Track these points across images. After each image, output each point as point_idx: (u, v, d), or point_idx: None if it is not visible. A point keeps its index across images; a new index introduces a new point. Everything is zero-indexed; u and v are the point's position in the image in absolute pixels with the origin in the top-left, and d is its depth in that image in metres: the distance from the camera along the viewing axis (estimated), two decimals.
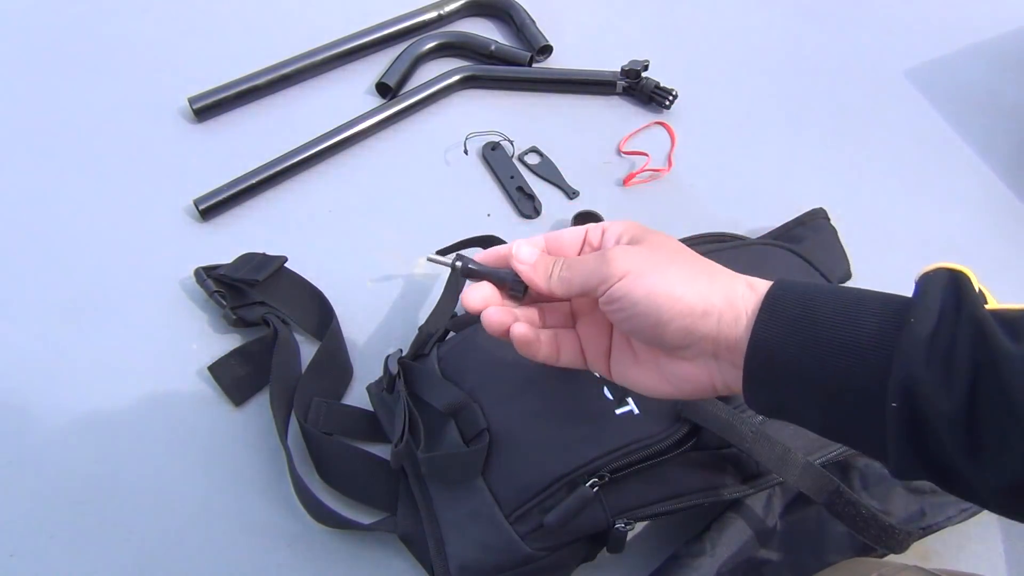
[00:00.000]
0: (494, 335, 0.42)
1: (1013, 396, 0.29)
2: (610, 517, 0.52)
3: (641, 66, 0.87)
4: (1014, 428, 0.29)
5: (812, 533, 0.58)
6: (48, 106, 0.83)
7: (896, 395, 0.31)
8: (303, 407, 0.63)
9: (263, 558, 0.59)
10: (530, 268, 0.41)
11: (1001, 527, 0.63)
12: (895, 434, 0.32)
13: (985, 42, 1.00)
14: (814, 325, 0.34)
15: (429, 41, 0.91)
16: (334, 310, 0.70)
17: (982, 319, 0.31)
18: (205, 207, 0.75)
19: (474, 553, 0.54)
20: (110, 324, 0.69)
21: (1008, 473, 0.30)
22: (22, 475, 0.61)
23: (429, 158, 0.84)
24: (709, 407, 0.51)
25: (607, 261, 0.38)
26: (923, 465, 0.32)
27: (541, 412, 0.56)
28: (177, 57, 0.89)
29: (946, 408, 0.30)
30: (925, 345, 0.31)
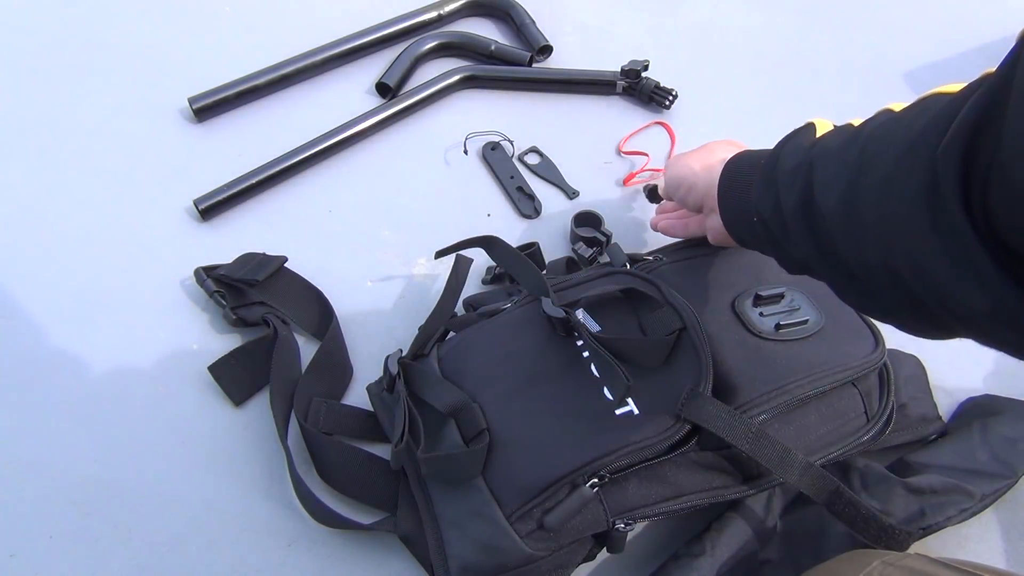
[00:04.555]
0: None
1: (780, 196, 0.46)
2: (610, 517, 0.52)
3: (641, 66, 0.87)
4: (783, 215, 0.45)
5: (812, 533, 0.58)
6: (48, 106, 0.83)
7: (754, 213, 0.50)
8: (303, 407, 0.63)
9: (263, 558, 0.59)
10: None
11: (1001, 527, 0.63)
12: (763, 240, 0.50)
13: (985, 43, 1.00)
14: (739, 183, 0.53)
15: (429, 41, 0.91)
16: (334, 310, 0.70)
17: (782, 149, 0.48)
18: (205, 207, 0.75)
19: (474, 553, 0.54)
20: (110, 324, 0.69)
21: (801, 250, 0.44)
22: (22, 475, 0.61)
23: (429, 158, 0.84)
24: (709, 408, 0.51)
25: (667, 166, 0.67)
26: (785, 262, 0.50)
27: (541, 412, 0.56)
28: (177, 57, 0.89)
29: (766, 214, 0.48)
30: (761, 180, 0.49)
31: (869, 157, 0.37)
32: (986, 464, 0.61)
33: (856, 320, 0.62)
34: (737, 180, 0.54)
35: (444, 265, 0.72)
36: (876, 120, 0.40)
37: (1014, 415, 0.64)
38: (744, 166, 0.54)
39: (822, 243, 0.42)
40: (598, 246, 0.76)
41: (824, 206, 0.40)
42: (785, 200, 0.45)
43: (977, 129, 0.29)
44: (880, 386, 0.60)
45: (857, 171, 0.38)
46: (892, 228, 0.34)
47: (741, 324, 0.59)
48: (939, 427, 0.65)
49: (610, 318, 0.60)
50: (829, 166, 0.41)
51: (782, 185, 0.45)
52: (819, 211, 0.41)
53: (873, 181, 0.36)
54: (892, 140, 0.36)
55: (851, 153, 0.39)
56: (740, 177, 0.54)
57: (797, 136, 0.48)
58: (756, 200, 0.49)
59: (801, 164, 0.44)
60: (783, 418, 0.55)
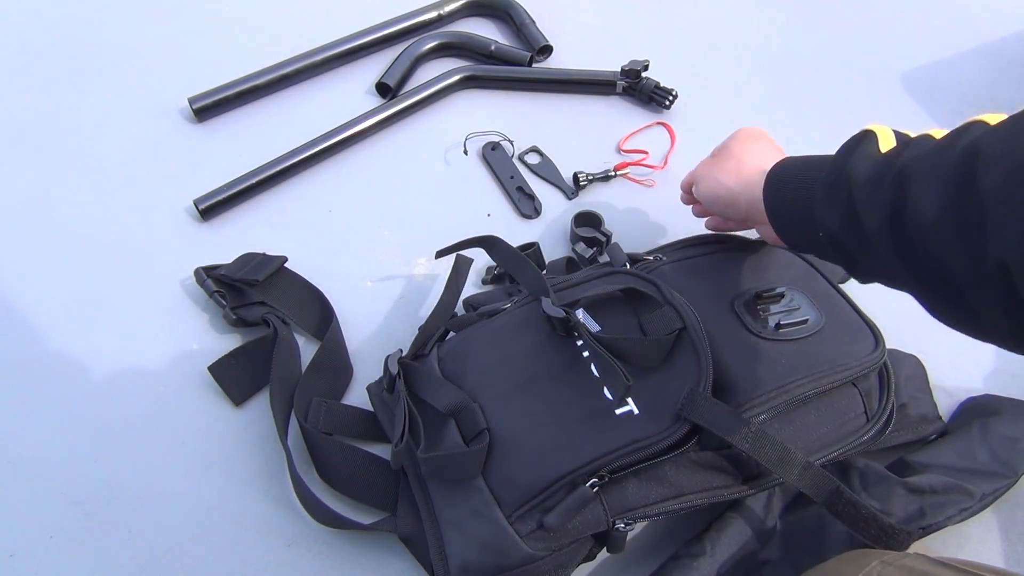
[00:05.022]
0: None
1: (857, 211, 0.45)
2: (610, 517, 0.52)
3: (641, 66, 0.87)
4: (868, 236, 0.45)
5: (812, 533, 0.58)
6: (49, 106, 0.83)
7: (819, 228, 0.49)
8: (303, 407, 0.63)
9: (263, 558, 0.59)
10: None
11: (1001, 527, 0.63)
12: (830, 252, 0.50)
13: (984, 43, 1.00)
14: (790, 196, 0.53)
15: (429, 41, 0.91)
16: (334, 310, 0.70)
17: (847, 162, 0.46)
18: (205, 207, 0.75)
19: (474, 553, 0.54)
20: (110, 324, 0.69)
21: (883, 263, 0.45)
22: (22, 475, 0.61)
23: (429, 158, 0.84)
24: (709, 407, 0.51)
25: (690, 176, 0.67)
26: (856, 272, 0.50)
27: (541, 412, 0.56)
28: (177, 57, 0.89)
29: (835, 229, 0.47)
30: (823, 191, 0.48)
31: (976, 177, 0.37)
32: (986, 464, 0.61)
33: (856, 320, 0.62)
34: (786, 195, 0.53)
35: (444, 265, 0.72)
36: (975, 130, 0.39)
37: (1014, 415, 0.64)
38: (791, 179, 0.52)
39: (914, 257, 0.42)
40: (598, 246, 0.76)
41: (921, 221, 0.40)
42: (867, 215, 0.44)
43: None
44: (880, 386, 0.60)
45: (964, 183, 0.37)
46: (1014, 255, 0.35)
47: (741, 324, 0.59)
48: (939, 427, 0.65)
49: (610, 318, 0.60)
50: (925, 183, 0.40)
51: (861, 200, 0.44)
52: (913, 227, 0.40)
53: (986, 204, 0.36)
54: (1004, 157, 0.36)
55: (949, 166, 0.39)
56: (790, 191, 0.52)
57: (862, 146, 0.47)
58: (820, 215, 0.48)
59: (883, 178, 0.43)
60: (783, 418, 0.55)
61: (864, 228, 0.44)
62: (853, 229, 0.45)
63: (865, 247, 0.45)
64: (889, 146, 0.46)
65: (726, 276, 0.63)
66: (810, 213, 0.49)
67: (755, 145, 0.62)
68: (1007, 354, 0.73)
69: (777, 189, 0.54)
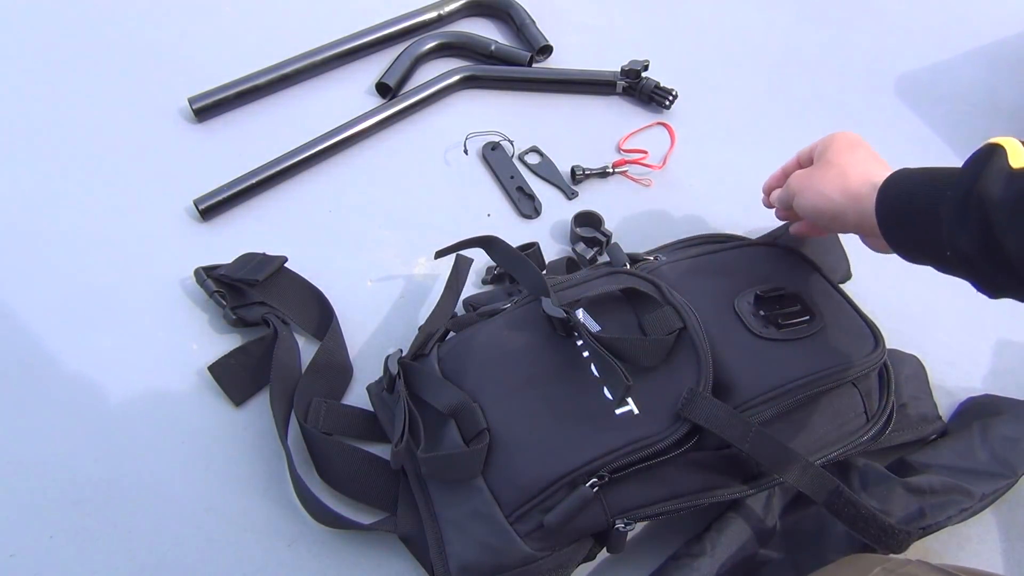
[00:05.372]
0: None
1: (995, 233, 0.44)
2: (610, 517, 0.52)
3: (641, 66, 0.87)
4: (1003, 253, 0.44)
5: (811, 533, 0.58)
6: (49, 106, 0.83)
7: (948, 246, 0.47)
8: (303, 407, 0.63)
9: (263, 558, 0.59)
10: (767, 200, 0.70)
11: (1001, 527, 0.63)
12: (960, 269, 0.48)
13: (983, 45, 1.00)
14: (910, 214, 0.51)
15: (429, 41, 0.91)
16: (334, 310, 0.70)
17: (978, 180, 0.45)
18: (205, 207, 0.75)
19: (474, 553, 0.54)
20: (110, 324, 0.69)
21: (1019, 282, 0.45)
22: (22, 475, 0.61)
23: (429, 158, 0.84)
24: (709, 407, 0.51)
25: (787, 190, 0.62)
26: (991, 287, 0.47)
27: (541, 412, 0.56)
28: (177, 57, 0.89)
29: (970, 251, 0.46)
30: (954, 210, 0.46)
31: None
32: (986, 464, 0.61)
33: (856, 320, 0.62)
34: (905, 213, 0.51)
35: (444, 265, 0.72)
36: None
37: (1014, 415, 0.64)
38: (911, 196, 0.51)
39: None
40: (598, 246, 0.76)
41: None
42: (1007, 237, 0.43)
43: None
44: (880, 386, 0.60)
45: None
46: None
47: (741, 324, 0.59)
48: (939, 427, 0.65)
49: (610, 318, 0.60)
50: None
51: (999, 222, 0.43)
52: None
53: None
54: None
55: None
56: (909, 209, 0.50)
57: (992, 161, 0.45)
58: (949, 236, 0.46)
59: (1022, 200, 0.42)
60: (783, 418, 0.55)
61: (1004, 249, 0.43)
62: (990, 251, 0.44)
63: (1004, 268, 0.44)
64: (1020, 162, 0.44)
65: (726, 276, 0.63)
66: (934, 231, 0.47)
67: (856, 155, 0.59)
68: (1007, 354, 0.73)
69: (893, 206, 0.51)
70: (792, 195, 0.61)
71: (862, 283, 0.74)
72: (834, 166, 0.58)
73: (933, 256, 0.50)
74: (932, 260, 0.51)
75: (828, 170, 0.58)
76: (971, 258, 0.46)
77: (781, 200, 0.64)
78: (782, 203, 0.64)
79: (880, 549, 0.54)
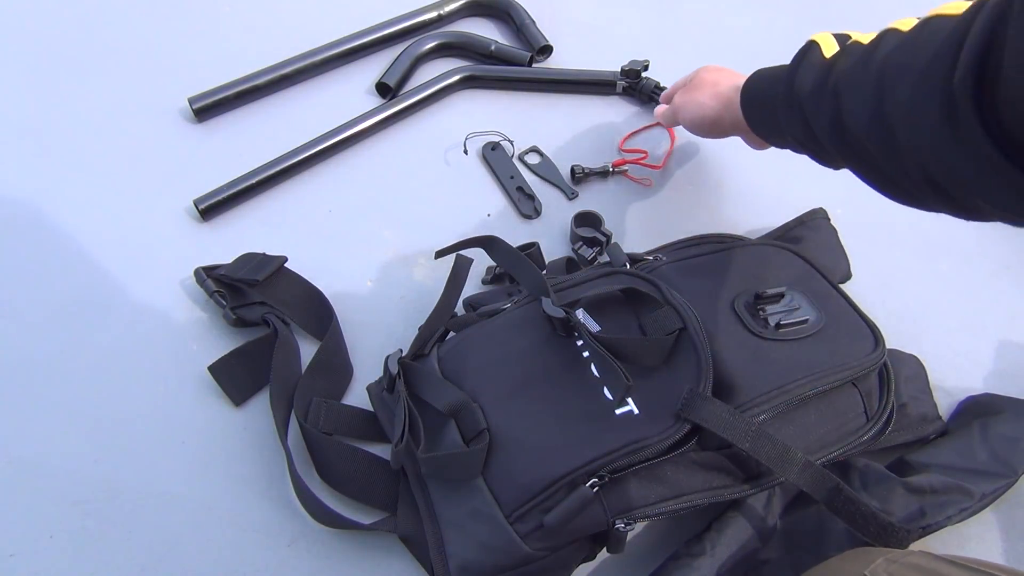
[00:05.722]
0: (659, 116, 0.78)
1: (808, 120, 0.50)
2: (610, 517, 0.52)
3: (641, 66, 0.87)
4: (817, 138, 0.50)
5: (812, 533, 0.58)
6: (49, 107, 0.83)
7: (786, 132, 0.55)
8: (303, 407, 0.63)
9: (263, 558, 0.59)
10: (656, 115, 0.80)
11: (1001, 527, 0.63)
12: (798, 147, 0.56)
13: None
14: (762, 110, 0.59)
15: (429, 41, 0.91)
16: (334, 310, 0.70)
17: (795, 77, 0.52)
18: (205, 207, 0.75)
19: (474, 553, 0.54)
20: (110, 324, 0.69)
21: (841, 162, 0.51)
22: (22, 475, 0.61)
23: (429, 158, 0.84)
24: (709, 407, 0.51)
25: (671, 109, 0.74)
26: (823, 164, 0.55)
27: (541, 412, 0.56)
28: (177, 57, 0.89)
29: (796, 134, 0.53)
30: (782, 102, 0.53)
31: (889, 84, 0.41)
32: (986, 463, 0.61)
33: (856, 320, 0.62)
34: (758, 108, 0.59)
35: (444, 265, 0.72)
36: (886, 44, 0.43)
37: (1014, 414, 0.64)
38: (760, 94, 0.59)
39: (860, 157, 0.46)
40: (598, 246, 0.76)
41: (856, 130, 0.44)
42: (815, 123, 0.49)
43: (984, 57, 0.33)
44: (880, 386, 0.60)
45: (879, 100, 0.41)
46: (921, 146, 0.39)
47: (741, 324, 0.59)
48: (939, 427, 0.65)
49: (610, 318, 0.60)
50: (853, 95, 0.44)
51: (808, 111, 0.49)
52: (852, 134, 0.45)
53: (897, 108, 0.40)
54: (907, 68, 0.40)
55: (868, 80, 0.43)
56: (760, 106, 0.59)
57: (807, 58, 0.51)
58: (785, 125, 0.54)
59: (822, 90, 0.48)
60: (783, 418, 0.55)
61: (816, 135, 0.50)
62: (809, 136, 0.51)
63: (822, 149, 0.51)
64: (832, 51, 0.50)
65: (726, 276, 0.64)
66: (777, 122, 0.55)
67: (723, 72, 0.69)
68: (1007, 354, 0.73)
69: (750, 102, 0.60)
70: (676, 112, 0.72)
71: (862, 283, 0.74)
72: (707, 82, 0.69)
73: (786, 143, 0.58)
74: (786, 146, 0.59)
75: (702, 85, 0.69)
76: (802, 141, 0.53)
77: (666, 117, 0.76)
78: (668, 120, 0.76)
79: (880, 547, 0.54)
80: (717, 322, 0.59)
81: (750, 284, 0.62)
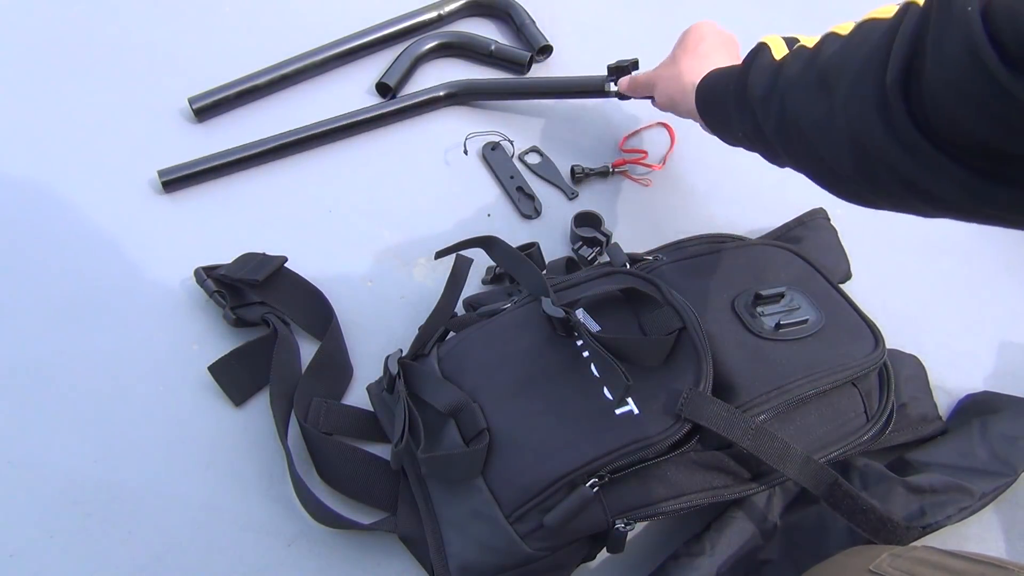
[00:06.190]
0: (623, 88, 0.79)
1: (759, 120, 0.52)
2: (610, 517, 0.52)
3: (629, 63, 0.86)
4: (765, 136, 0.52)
5: (812, 532, 0.58)
6: (49, 107, 0.83)
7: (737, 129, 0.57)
8: (303, 407, 0.63)
9: (263, 558, 0.59)
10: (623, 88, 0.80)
11: (1001, 527, 0.63)
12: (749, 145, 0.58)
13: None
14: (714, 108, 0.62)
15: (429, 41, 0.91)
16: (334, 310, 0.70)
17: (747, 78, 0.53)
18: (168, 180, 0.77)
19: (474, 553, 0.54)
20: (110, 324, 0.69)
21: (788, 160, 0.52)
22: (22, 475, 0.61)
23: (429, 158, 0.84)
24: (709, 407, 0.51)
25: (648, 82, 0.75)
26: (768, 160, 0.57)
27: (541, 412, 0.56)
28: (177, 57, 0.89)
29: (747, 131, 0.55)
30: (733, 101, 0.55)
31: (829, 84, 0.43)
32: (985, 462, 0.61)
33: (856, 320, 0.62)
34: (712, 108, 0.62)
35: (444, 265, 0.72)
36: (827, 48, 0.46)
37: (1013, 413, 0.64)
38: (713, 94, 0.61)
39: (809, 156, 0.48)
40: (598, 246, 0.76)
41: (802, 128, 0.46)
42: (765, 125, 0.51)
43: (910, 59, 0.36)
44: (880, 386, 0.60)
45: (820, 98, 0.44)
46: (861, 140, 0.41)
47: (741, 324, 0.59)
48: (939, 427, 0.65)
49: (610, 318, 0.60)
50: (797, 96, 0.47)
51: (759, 113, 0.51)
52: (798, 132, 0.47)
53: (836, 105, 0.42)
54: (844, 68, 0.42)
55: (811, 83, 0.45)
56: (712, 104, 0.61)
57: (757, 60, 0.53)
58: (736, 123, 0.56)
59: (771, 93, 0.50)
60: (783, 418, 0.55)
61: (764, 133, 0.52)
62: (758, 134, 0.53)
63: (771, 148, 0.53)
64: (782, 54, 0.51)
65: (726, 276, 0.64)
66: (730, 121, 0.57)
67: (698, 51, 0.69)
68: (1007, 354, 0.73)
69: (703, 100, 0.62)
70: (652, 88, 0.74)
71: (862, 283, 0.74)
72: (676, 65, 0.69)
73: (736, 139, 0.60)
74: (736, 142, 0.61)
75: (672, 69, 0.69)
76: (752, 139, 0.56)
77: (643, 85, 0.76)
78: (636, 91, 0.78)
79: (880, 543, 0.54)
80: (717, 322, 0.59)
81: (750, 284, 0.62)
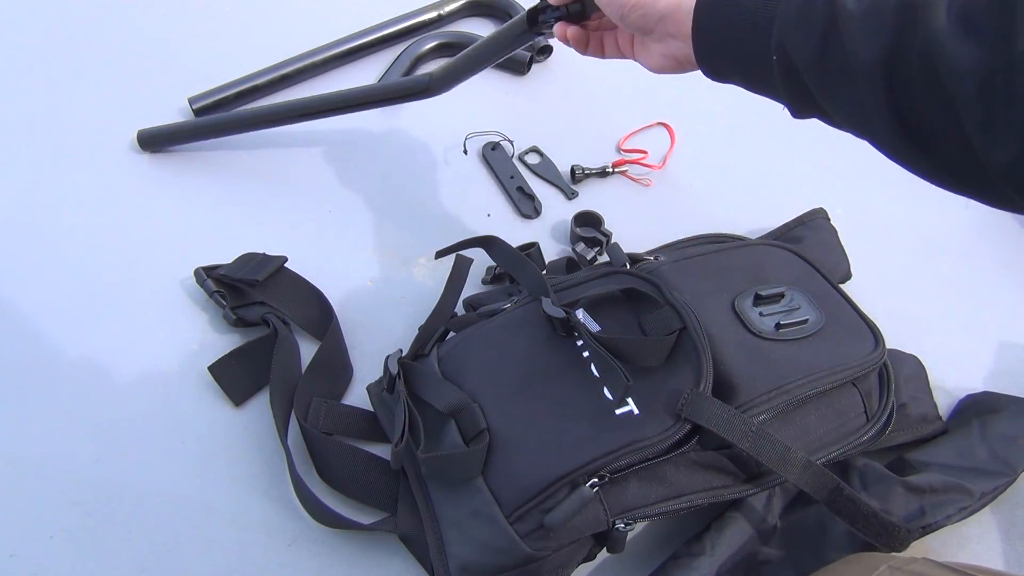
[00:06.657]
0: (561, 39, 0.61)
1: (848, 46, 0.40)
2: (610, 517, 0.52)
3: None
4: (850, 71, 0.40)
5: (812, 533, 0.58)
6: (48, 106, 0.83)
7: (775, 50, 0.44)
8: (303, 407, 0.63)
9: (263, 558, 0.59)
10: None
11: (1001, 527, 0.63)
12: (779, 79, 0.45)
13: None
14: (733, 16, 0.46)
15: (429, 41, 0.91)
16: (334, 310, 0.70)
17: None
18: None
19: (474, 553, 0.54)
20: (110, 324, 0.69)
21: (847, 106, 0.42)
22: (22, 475, 0.61)
23: (429, 158, 0.84)
24: (710, 407, 0.51)
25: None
26: (801, 104, 0.46)
27: (541, 412, 0.56)
28: (177, 57, 0.89)
29: (804, 56, 0.42)
30: (795, 11, 0.42)
31: None
32: (985, 462, 0.61)
33: (856, 320, 0.62)
34: (729, 8, 0.46)
35: (444, 265, 0.72)
36: None
37: (1013, 412, 0.64)
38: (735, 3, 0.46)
39: (907, 96, 0.38)
40: (598, 246, 0.76)
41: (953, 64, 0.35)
42: (858, 48, 0.39)
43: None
44: (880, 386, 0.60)
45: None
46: None
47: (741, 324, 0.59)
48: (939, 427, 0.65)
49: (610, 318, 0.60)
50: (937, 11, 0.36)
51: (850, 30, 0.39)
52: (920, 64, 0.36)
53: None
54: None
55: None
56: (735, 6, 0.46)
57: None
58: (783, 39, 0.42)
59: (883, 9, 0.38)
60: (783, 418, 0.55)
61: (850, 62, 0.39)
62: (831, 61, 0.41)
63: (839, 82, 0.41)
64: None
65: (726, 276, 0.64)
66: (761, 33, 0.43)
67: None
68: (1007, 354, 0.73)
69: (720, 5, 0.46)
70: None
71: (862, 283, 0.74)
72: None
73: (746, 62, 0.46)
74: (742, 68, 0.47)
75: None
76: (801, 68, 0.42)
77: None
78: None
79: (881, 547, 0.54)
80: (717, 322, 0.59)
81: (750, 284, 0.62)
